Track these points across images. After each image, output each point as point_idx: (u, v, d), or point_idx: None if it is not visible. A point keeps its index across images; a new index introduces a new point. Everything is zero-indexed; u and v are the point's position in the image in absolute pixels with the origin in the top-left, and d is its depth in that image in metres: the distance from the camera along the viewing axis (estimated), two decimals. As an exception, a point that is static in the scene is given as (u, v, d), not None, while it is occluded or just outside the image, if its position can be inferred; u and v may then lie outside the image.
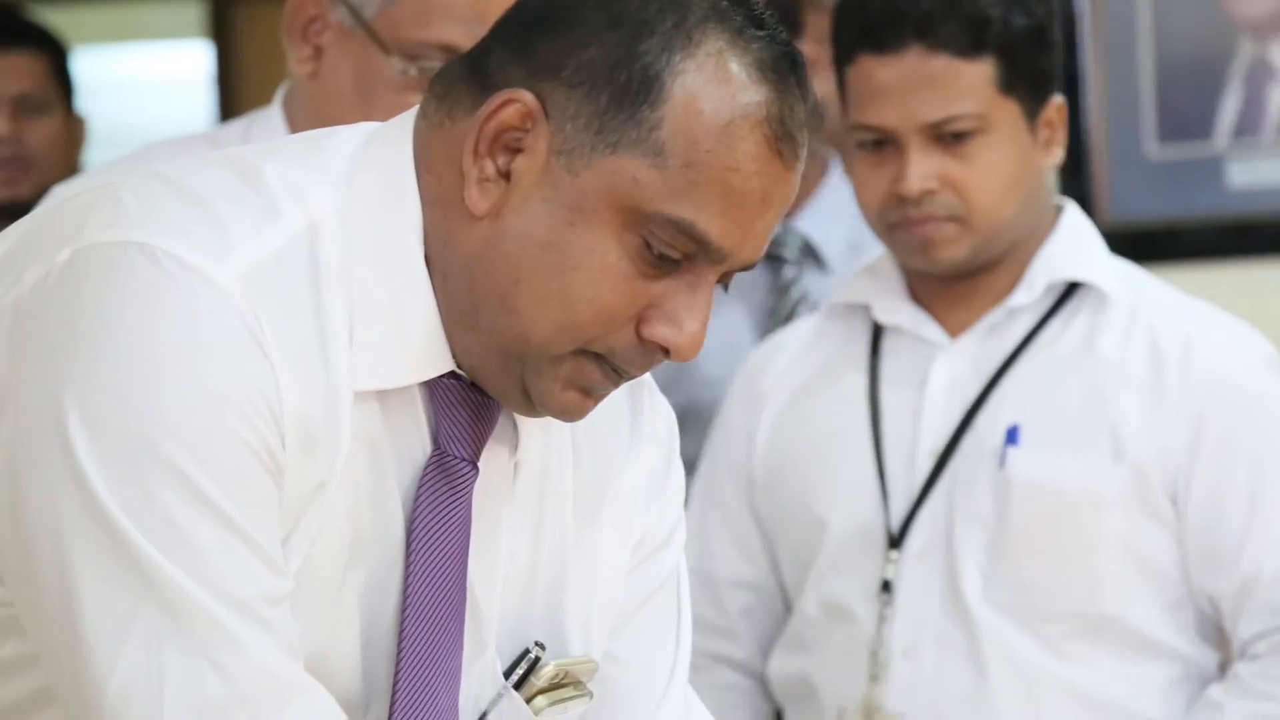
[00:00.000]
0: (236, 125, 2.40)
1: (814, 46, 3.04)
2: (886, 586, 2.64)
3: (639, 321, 1.55)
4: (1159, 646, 2.61)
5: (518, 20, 1.59)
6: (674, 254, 1.54)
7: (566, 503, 1.71)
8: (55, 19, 4.36)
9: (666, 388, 3.22)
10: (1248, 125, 3.68)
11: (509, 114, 1.53)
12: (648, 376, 1.70)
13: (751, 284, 3.25)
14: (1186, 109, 3.67)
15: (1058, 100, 2.63)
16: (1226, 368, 2.63)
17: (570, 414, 1.60)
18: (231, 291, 1.48)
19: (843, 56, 2.62)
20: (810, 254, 3.26)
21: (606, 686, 1.74)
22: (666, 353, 1.56)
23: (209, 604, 1.45)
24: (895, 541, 2.65)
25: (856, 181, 2.64)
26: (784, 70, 1.55)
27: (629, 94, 1.52)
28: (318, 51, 2.28)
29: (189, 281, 1.47)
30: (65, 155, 3.80)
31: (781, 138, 1.54)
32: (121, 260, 1.48)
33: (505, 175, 1.54)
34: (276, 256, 1.52)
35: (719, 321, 3.15)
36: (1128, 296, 2.65)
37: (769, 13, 1.56)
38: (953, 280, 2.64)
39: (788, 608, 2.77)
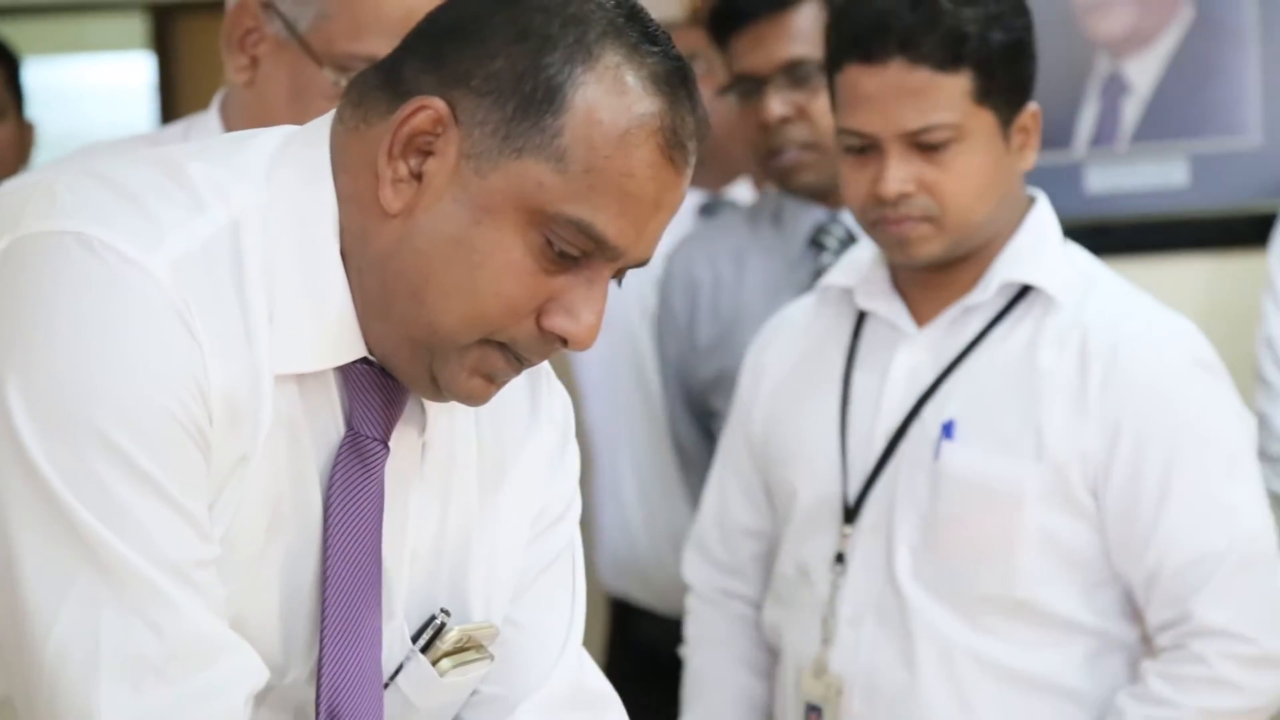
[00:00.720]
0: (176, 128, 2.39)
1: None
2: (840, 558, 2.64)
3: (539, 313, 1.56)
4: (1076, 624, 2.61)
5: (430, 31, 1.59)
6: (573, 251, 1.54)
7: (470, 480, 1.71)
8: (5, 30, 4.31)
9: (712, 353, 3.27)
10: (1104, 135, 3.70)
11: (421, 119, 1.53)
12: (546, 364, 1.71)
13: (795, 269, 3.26)
14: (1048, 120, 3.57)
15: (1032, 108, 2.64)
16: (1147, 373, 2.60)
17: (475, 399, 1.61)
18: (162, 279, 1.48)
19: (832, 65, 2.62)
20: (851, 242, 3.20)
21: (507, 650, 1.74)
22: (564, 342, 1.57)
23: (143, 567, 1.45)
24: (850, 516, 2.64)
25: (843, 180, 2.63)
26: (676, 83, 1.55)
27: (533, 103, 1.52)
28: (254, 61, 2.26)
29: (122, 269, 1.47)
30: (16, 159, 3.81)
31: (674, 146, 1.54)
32: (58, 248, 1.48)
33: (417, 176, 1.54)
34: (203, 248, 1.51)
35: (769, 303, 3.17)
36: (1075, 300, 2.62)
37: (662, 30, 1.55)
38: (929, 271, 2.63)
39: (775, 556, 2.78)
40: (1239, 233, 3.65)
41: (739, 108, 3.34)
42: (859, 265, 2.73)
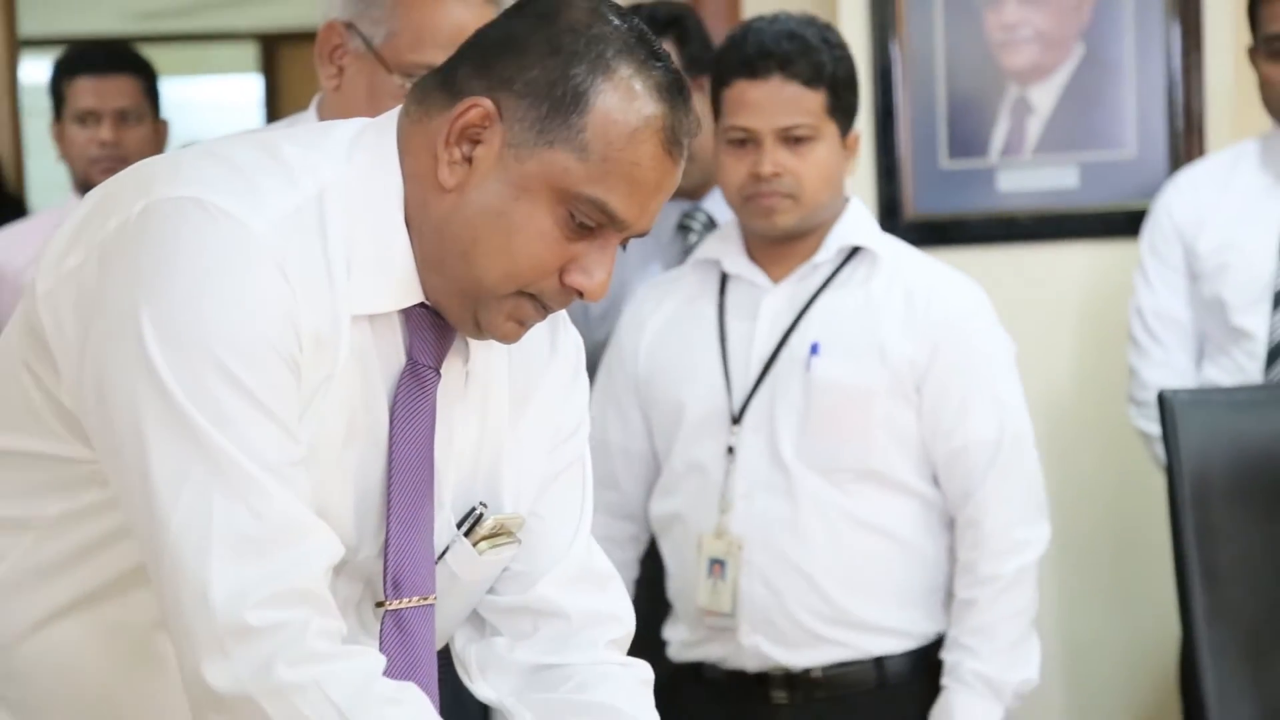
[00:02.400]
0: (283, 123, 2.39)
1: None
2: (730, 450, 2.73)
3: (562, 271, 1.56)
4: (909, 488, 2.75)
5: (480, 44, 1.59)
6: (590, 223, 1.55)
7: (503, 401, 1.70)
8: (143, 53, 4.31)
9: (603, 318, 3.29)
10: (1012, 146, 3.68)
11: (473, 115, 1.54)
12: (563, 313, 1.70)
13: (666, 248, 3.31)
14: (969, 133, 3.68)
15: (857, 131, 2.76)
16: (953, 311, 2.77)
17: (508, 339, 1.61)
18: (262, 236, 1.49)
19: (721, 80, 2.72)
20: (712, 226, 3.29)
21: (531, 536, 1.73)
22: (580, 294, 1.58)
23: (245, 463, 1.46)
24: (736, 419, 2.74)
25: (723, 167, 2.74)
26: (675, 92, 1.56)
27: (563, 105, 1.53)
28: (340, 70, 2.28)
29: (231, 228, 1.48)
30: (153, 153, 3.72)
31: (672, 142, 1.56)
32: (181, 210, 1.49)
33: (468, 160, 1.55)
34: (295, 212, 1.52)
35: (643, 273, 3.23)
36: (891, 259, 2.77)
37: (663, 48, 1.57)
38: (777, 242, 2.76)
39: (657, 468, 2.84)
40: (1117, 225, 3.63)
41: None
42: (722, 242, 2.85)
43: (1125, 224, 3.60)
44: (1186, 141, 3.65)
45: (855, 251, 2.77)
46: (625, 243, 1.60)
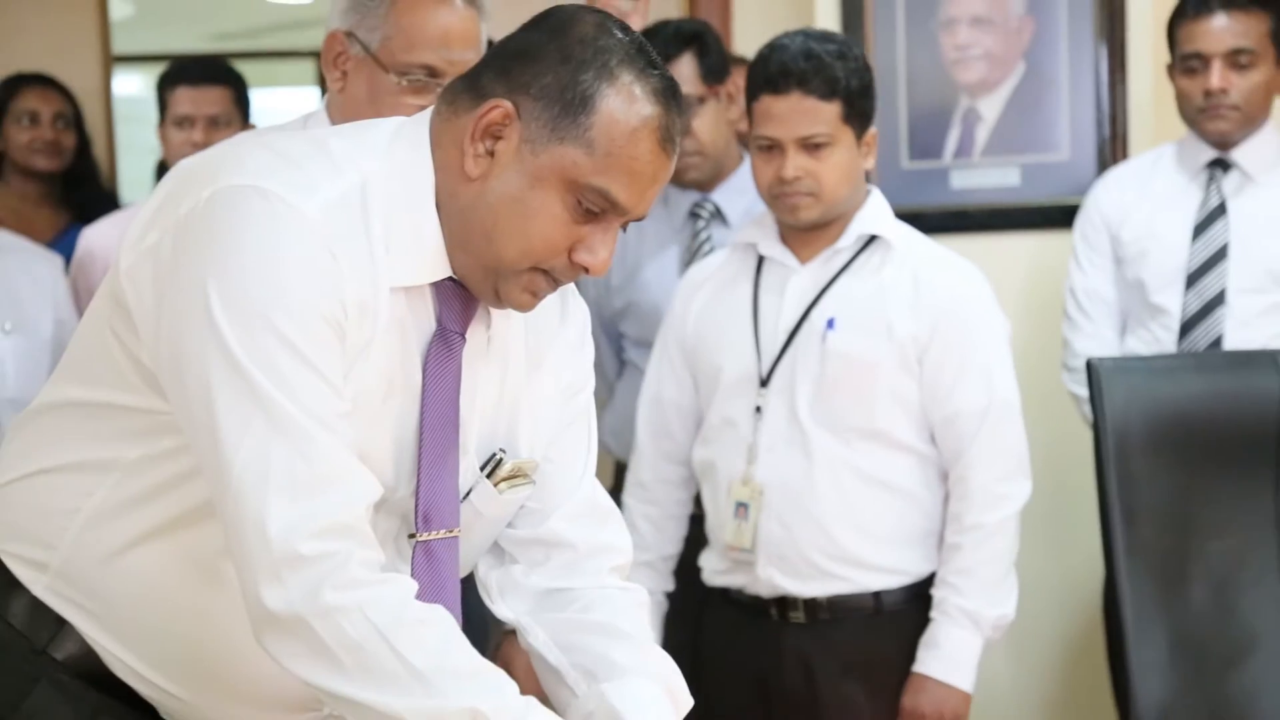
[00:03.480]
0: (298, 119, 2.36)
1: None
2: (758, 409, 2.74)
3: (570, 250, 1.56)
4: (908, 446, 2.74)
5: (501, 53, 1.58)
6: (595, 209, 1.55)
7: (520, 361, 1.69)
8: None
9: (620, 289, 3.28)
10: (963, 149, 3.70)
11: (495, 115, 1.53)
12: (571, 286, 1.69)
13: (679, 232, 3.30)
14: (926, 139, 3.70)
15: (873, 130, 2.73)
16: (954, 295, 2.75)
17: (524, 308, 1.61)
18: (314, 219, 1.49)
19: (751, 95, 2.71)
20: (718, 216, 3.29)
21: (543, 478, 1.73)
22: (586, 270, 1.57)
23: (297, 415, 1.45)
24: (765, 382, 2.74)
25: (755, 169, 2.73)
26: (669, 97, 1.55)
27: (573, 107, 1.52)
28: (344, 74, 2.26)
29: (286, 212, 1.48)
30: None
31: (666, 140, 1.55)
32: (243, 197, 1.49)
33: (490, 154, 1.54)
34: (341, 198, 1.52)
35: (660, 256, 3.25)
36: (904, 247, 2.75)
37: (659, 57, 1.56)
38: (805, 230, 2.74)
39: (700, 420, 2.85)
40: (1053, 218, 3.64)
41: None
42: (759, 228, 2.83)
43: (1060, 217, 3.61)
44: (1112, 146, 3.68)
45: (872, 239, 2.74)
46: (625, 226, 1.59)
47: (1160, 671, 2.56)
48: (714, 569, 2.84)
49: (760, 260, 2.81)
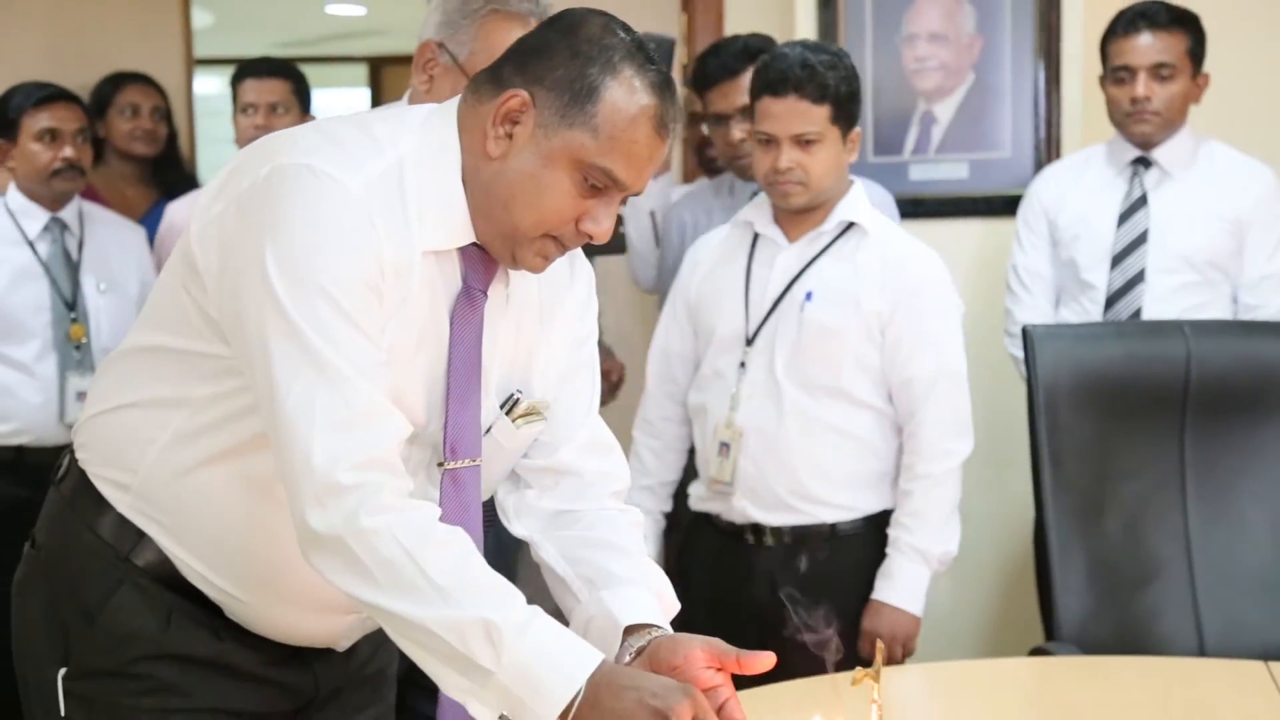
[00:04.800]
0: (384, 107, 2.33)
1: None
2: (743, 364, 2.75)
3: (578, 220, 1.54)
4: (868, 404, 2.74)
5: (520, 50, 1.56)
6: (599, 185, 1.53)
7: (534, 315, 1.68)
8: None
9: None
10: (920, 146, 3.67)
11: (514, 103, 1.52)
12: (579, 250, 1.67)
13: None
14: (889, 137, 3.67)
15: (858, 130, 2.72)
16: (914, 278, 2.73)
17: (536, 270, 1.59)
18: (358, 193, 1.48)
19: (754, 96, 2.70)
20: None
21: (554, 415, 1.71)
22: (591, 238, 1.56)
23: (340, 364, 1.44)
24: (750, 342, 2.74)
25: (755, 159, 2.73)
26: (664, 88, 1.53)
27: (580, 97, 1.51)
28: (431, 78, 2.26)
29: (333, 188, 1.47)
30: None
31: (661, 126, 1.53)
32: (296, 174, 1.48)
33: (509, 136, 1.53)
34: (381, 175, 1.51)
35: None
36: (877, 233, 2.74)
37: (656, 55, 1.55)
38: (795, 213, 2.73)
39: (698, 368, 2.85)
40: (997, 207, 3.63)
41: (712, 130, 3.34)
42: (757, 209, 2.82)
43: (1003, 206, 3.60)
44: (1047, 146, 3.65)
45: (851, 225, 2.73)
46: (624, 201, 1.58)
47: (1079, 593, 2.58)
48: (699, 496, 2.85)
49: (755, 237, 2.80)
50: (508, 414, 1.66)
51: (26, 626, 1.67)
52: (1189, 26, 3.24)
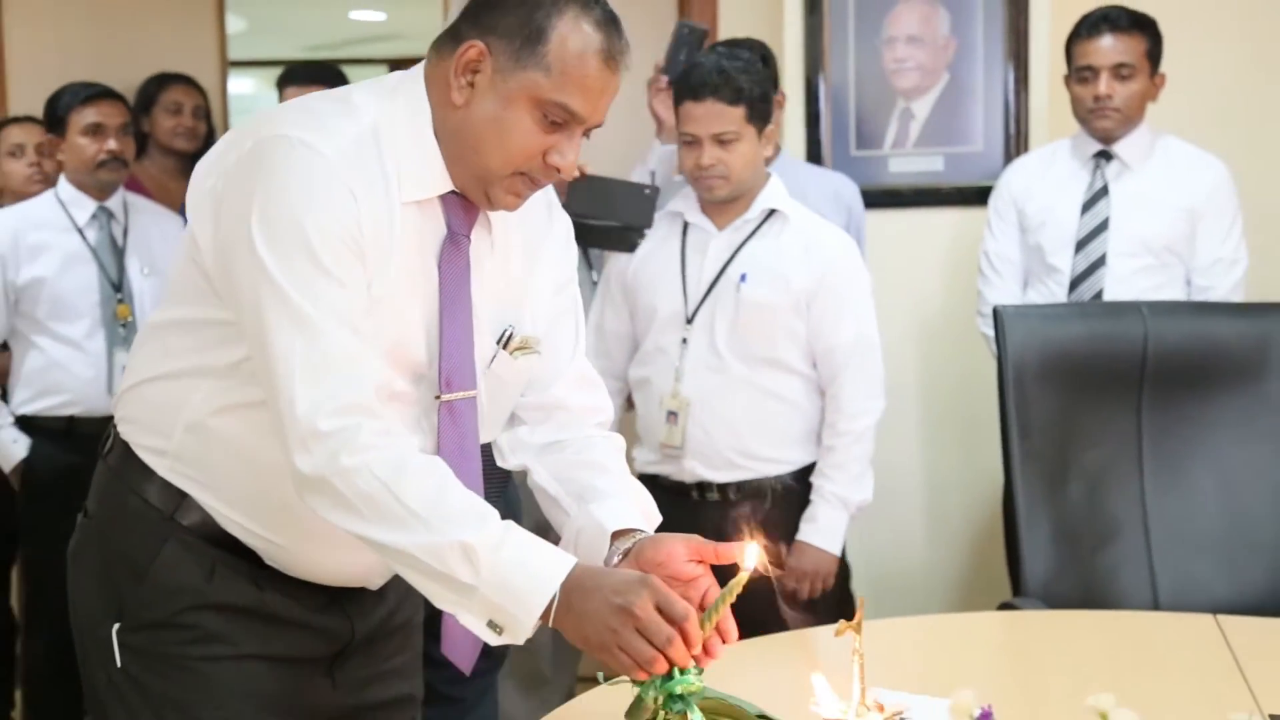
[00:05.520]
0: None
1: None
2: (684, 340, 2.80)
3: (544, 155, 1.52)
4: (797, 370, 2.81)
5: (473, 6, 1.53)
6: (559, 120, 1.51)
7: (518, 257, 1.67)
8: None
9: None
10: (899, 141, 3.66)
11: (471, 53, 1.50)
12: (555, 199, 1.69)
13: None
14: (870, 132, 3.66)
15: (773, 126, 2.77)
16: (834, 258, 2.79)
17: (511, 207, 1.57)
18: (333, 159, 1.47)
19: (678, 100, 2.75)
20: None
21: (544, 355, 1.70)
22: (558, 171, 1.54)
23: (320, 320, 1.44)
24: (689, 320, 2.80)
25: (680, 157, 2.79)
26: (609, 24, 1.51)
27: (531, 40, 1.49)
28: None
29: (310, 155, 1.46)
30: None
31: (609, 58, 1.51)
32: (277, 144, 1.47)
33: (471, 85, 1.51)
34: (357, 138, 1.50)
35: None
36: (796, 219, 2.80)
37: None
38: (720, 204, 2.78)
39: (635, 346, 2.90)
40: (970, 197, 3.62)
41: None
42: (684, 200, 2.87)
43: (976, 196, 3.59)
44: (1016, 140, 3.64)
45: (772, 212, 2.79)
46: (587, 134, 1.55)
47: (1044, 552, 2.58)
48: (645, 460, 2.89)
49: (685, 225, 2.84)
50: (504, 348, 1.65)
51: (82, 589, 1.67)
52: (1147, 30, 3.24)
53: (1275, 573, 2.59)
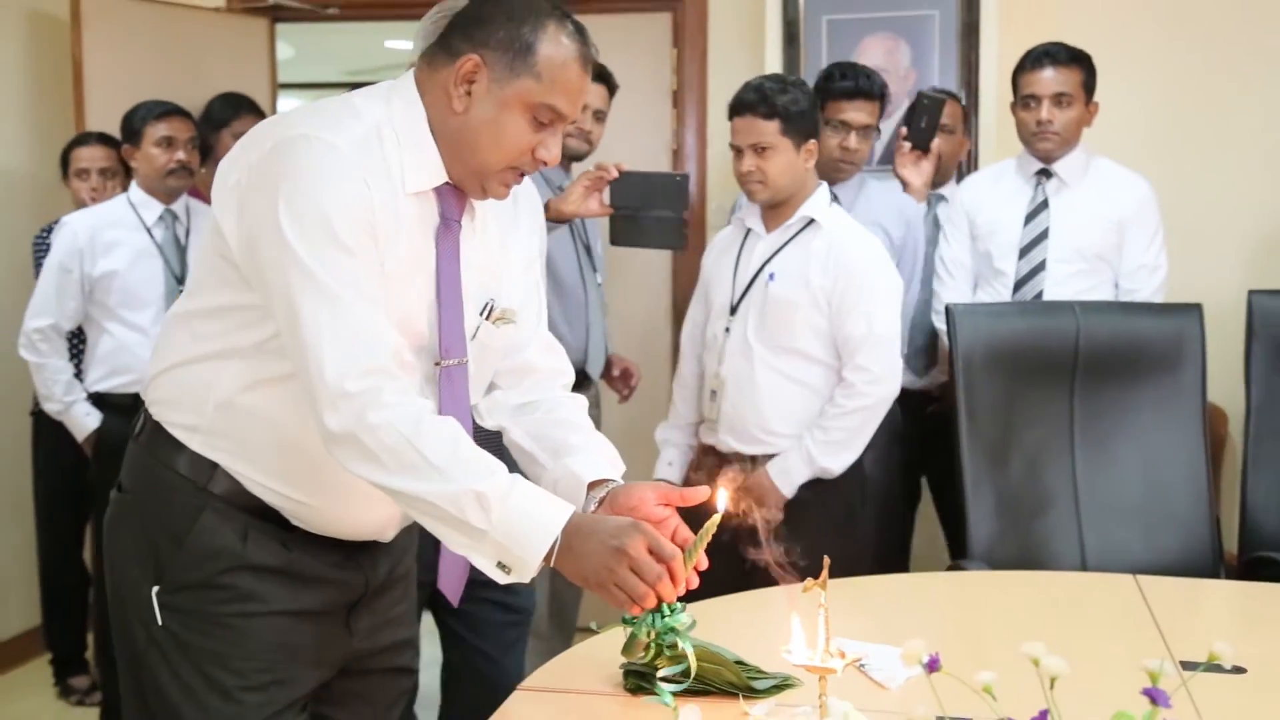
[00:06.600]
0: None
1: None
2: (728, 329, 2.80)
3: (533, 151, 1.53)
4: (818, 359, 2.76)
5: (463, 23, 1.53)
6: (546, 120, 1.52)
7: (497, 239, 1.67)
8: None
9: None
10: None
11: (468, 66, 1.50)
12: (527, 187, 1.68)
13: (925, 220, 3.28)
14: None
15: (814, 141, 2.73)
16: (852, 260, 2.73)
17: (502, 197, 1.58)
18: (348, 153, 1.46)
19: (729, 117, 2.74)
20: (942, 200, 3.39)
21: (517, 325, 1.69)
22: (545, 163, 1.54)
23: (344, 294, 1.43)
24: (733, 311, 2.79)
25: (733, 166, 2.77)
26: (581, 35, 1.53)
27: (520, 52, 1.50)
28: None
29: (325, 149, 1.45)
30: None
31: (586, 64, 1.53)
32: (296, 141, 1.46)
33: (469, 93, 1.51)
34: (363, 137, 1.49)
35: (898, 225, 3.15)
36: (830, 226, 2.75)
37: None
38: (771, 210, 2.78)
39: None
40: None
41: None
42: (750, 210, 2.85)
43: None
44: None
45: (811, 221, 2.76)
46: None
47: (988, 520, 2.60)
48: (703, 430, 2.92)
49: (748, 231, 2.84)
50: (487, 318, 1.65)
51: (121, 556, 1.64)
52: (1083, 63, 3.24)
53: (1188, 539, 2.61)
